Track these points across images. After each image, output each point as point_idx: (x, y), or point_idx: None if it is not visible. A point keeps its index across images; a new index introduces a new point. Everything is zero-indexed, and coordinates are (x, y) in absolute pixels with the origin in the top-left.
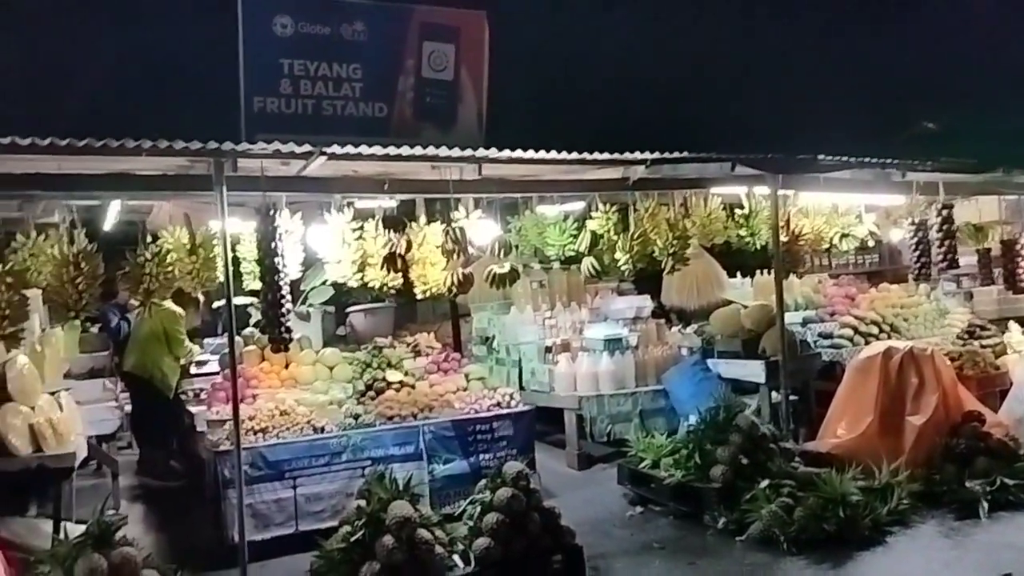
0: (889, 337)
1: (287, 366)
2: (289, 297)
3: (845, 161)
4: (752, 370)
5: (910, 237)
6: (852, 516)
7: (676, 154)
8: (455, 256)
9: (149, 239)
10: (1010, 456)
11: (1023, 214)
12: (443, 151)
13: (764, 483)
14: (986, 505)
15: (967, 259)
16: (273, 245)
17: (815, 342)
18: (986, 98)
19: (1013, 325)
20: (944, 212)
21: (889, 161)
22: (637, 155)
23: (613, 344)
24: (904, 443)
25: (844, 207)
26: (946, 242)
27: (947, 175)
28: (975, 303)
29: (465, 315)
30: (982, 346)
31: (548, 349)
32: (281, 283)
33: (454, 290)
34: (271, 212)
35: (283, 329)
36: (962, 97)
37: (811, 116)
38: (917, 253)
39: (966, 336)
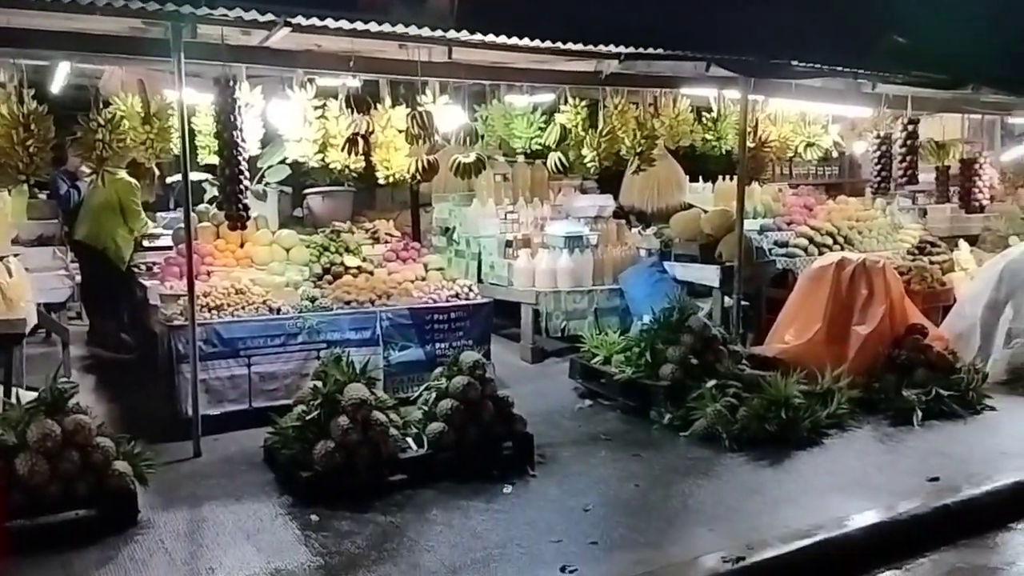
0: (843, 249)
1: (242, 245)
2: (247, 174)
3: (818, 68)
4: (707, 274)
5: (873, 150)
6: (793, 418)
7: (651, 50)
8: (420, 142)
9: (101, 105)
10: (947, 369)
11: (984, 134)
12: (412, 30)
13: (711, 383)
14: (920, 414)
15: (926, 176)
16: (232, 118)
17: (771, 250)
18: (961, 15)
19: (963, 244)
20: (910, 127)
21: (861, 72)
22: (612, 48)
23: (573, 242)
24: (849, 351)
25: (811, 116)
26: (908, 157)
27: (917, 89)
28: (928, 220)
29: (425, 204)
30: (931, 262)
31: (508, 244)
32: (239, 158)
33: (418, 177)
34: (230, 83)
35: (241, 206)
36: (938, 12)
37: (788, 21)
38: (879, 167)
39: (917, 252)
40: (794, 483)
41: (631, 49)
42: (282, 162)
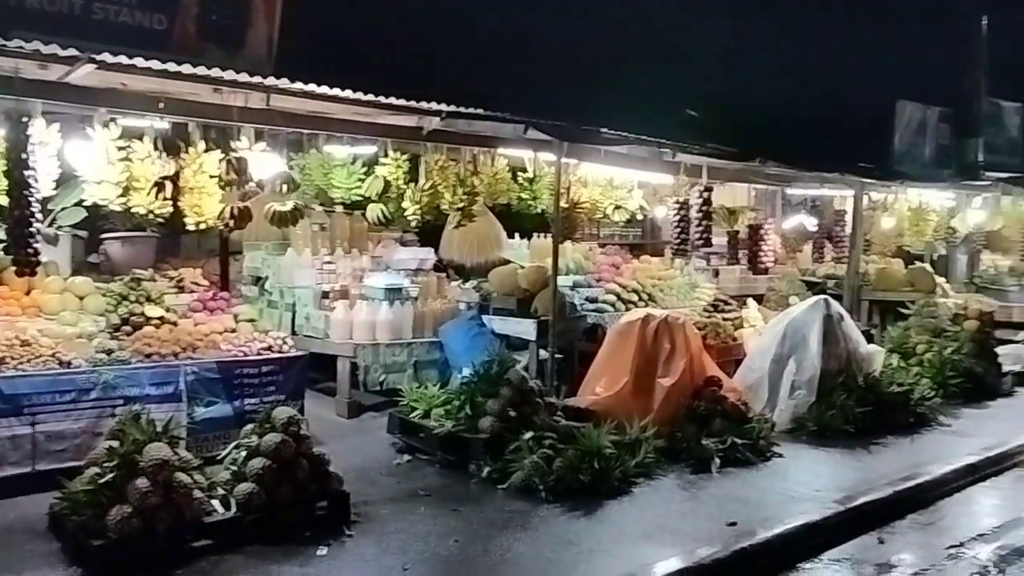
0: (647, 305)
1: (28, 292)
2: (39, 216)
3: (624, 136)
4: (524, 328)
5: (673, 214)
6: (605, 468)
7: (472, 110)
8: (233, 188)
9: None
10: (741, 418)
11: (768, 203)
12: (229, 75)
13: (528, 435)
14: (718, 461)
15: (718, 239)
16: (23, 157)
17: (582, 305)
18: (749, 93)
19: (751, 302)
20: (705, 194)
21: (663, 141)
22: (434, 106)
23: (393, 294)
24: (654, 402)
25: (619, 181)
26: (704, 222)
27: (711, 160)
28: (721, 280)
29: (236, 253)
30: (724, 319)
31: (325, 295)
32: (31, 199)
33: (230, 224)
34: (23, 120)
35: (31, 251)
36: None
37: (600, 91)
38: (678, 230)
39: (711, 309)
40: (607, 532)
41: (452, 108)
42: (79, 204)
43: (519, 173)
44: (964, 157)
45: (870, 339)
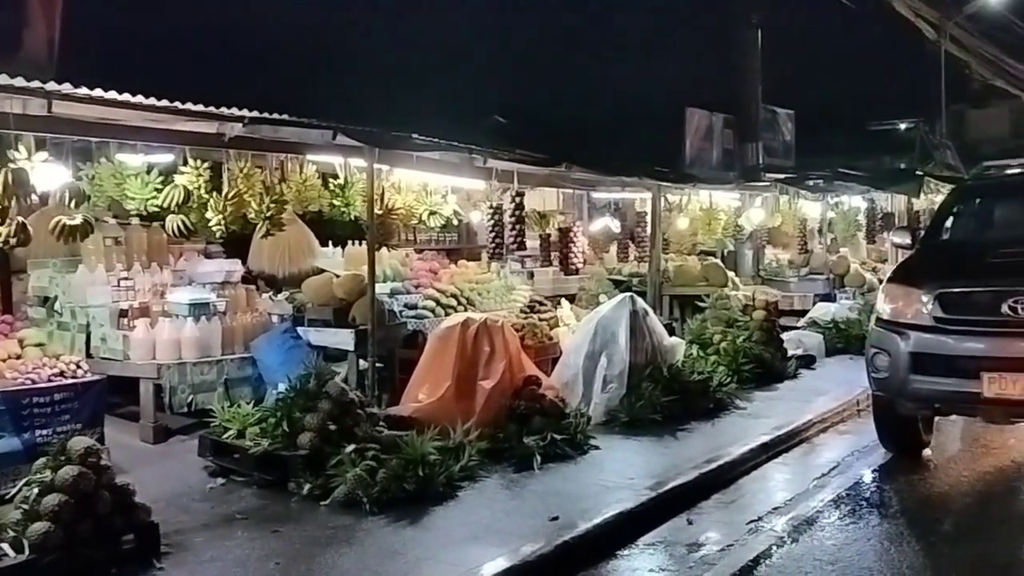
0: (466, 309)
1: None
2: None
3: (435, 142)
4: (342, 338)
5: (488, 219)
6: (429, 475)
7: (277, 115)
8: (12, 203)
9: None
10: (559, 415)
11: (575, 206)
12: (3, 79)
13: (350, 448)
14: (539, 458)
15: (532, 242)
16: None
17: (401, 312)
18: (557, 102)
19: (564, 302)
20: (517, 199)
21: (474, 148)
22: (235, 111)
23: (199, 309)
24: (476, 405)
25: (433, 187)
26: (517, 226)
27: (521, 166)
28: (536, 281)
29: (19, 272)
30: (540, 319)
31: (123, 313)
32: None
33: (11, 241)
34: None
35: None
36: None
37: (411, 97)
38: (493, 234)
39: (528, 310)
40: (434, 539)
41: (255, 113)
42: None
43: (331, 180)
44: (746, 160)
45: (672, 332)
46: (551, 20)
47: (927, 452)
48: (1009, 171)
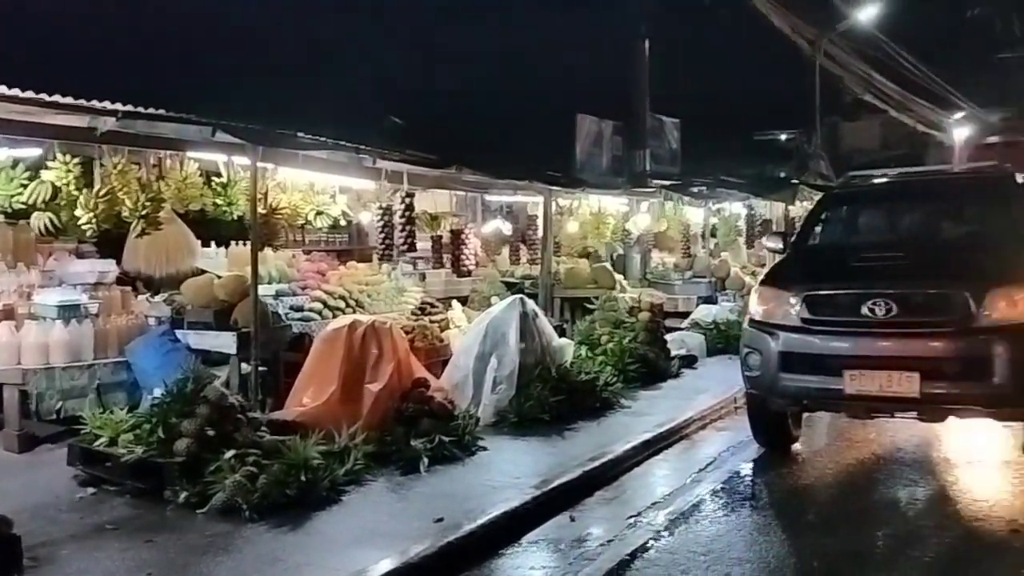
0: (355, 311)
1: None
2: None
3: (323, 141)
4: (223, 341)
5: (377, 220)
6: (312, 479)
7: (152, 110)
8: None
9: None
10: (447, 416)
11: (468, 208)
12: None
13: (229, 454)
14: (426, 460)
15: (423, 244)
16: None
17: (287, 314)
18: (454, 106)
19: (456, 304)
20: (407, 200)
21: (362, 147)
22: (107, 105)
23: (69, 311)
24: (363, 408)
25: (320, 186)
26: (407, 227)
27: (411, 167)
28: (427, 283)
29: None
30: (431, 321)
31: None
32: None
33: None
34: None
35: None
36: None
37: (302, 96)
38: (383, 235)
39: (419, 312)
40: (316, 544)
41: (130, 107)
42: None
43: (213, 178)
44: (634, 166)
45: (562, 333)
46: (450, 24)
47: (796, 446)
48: (872, 181)
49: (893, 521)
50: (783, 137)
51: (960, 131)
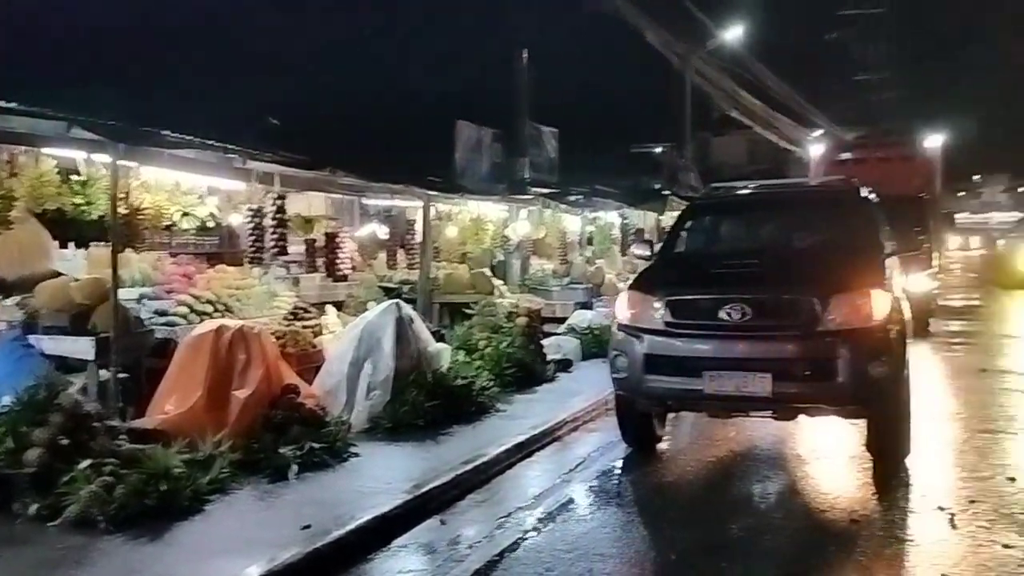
0: (223, 316)
1: None
2: None
3: (188, 140)
4: (81, 346)
5: (248, 222)
6: (173, 489)
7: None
8: None
9: None
10: (319, 423)
11: (345, 212)
12: None
13: (85, 463)
14: (296, 468)
15: (297, 247)
16: None
17: (150, 319)
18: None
19: (330, 309)
20: (278, 202)
21: (231, 147)
22: None
23: None
24: (230, 416)
25: (187, 187)
26: (278, 230)
27: (283, 168)
28: (301, 288)
29: None
30: (304, 326)
31: None
32: None
33: None
34: None
35: None
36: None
37: (166, 92)
38: (253, 238)
39: (291, 317)
40: (177, 555)
41: None
42: None
43: (72, 176)
44: (514, 174)
45: (441, 338)
46: (334, 26)
47: (661, 445)
48: (732, 193)
49: (747, 514)
50: (657, 150)
51: (817, 148)
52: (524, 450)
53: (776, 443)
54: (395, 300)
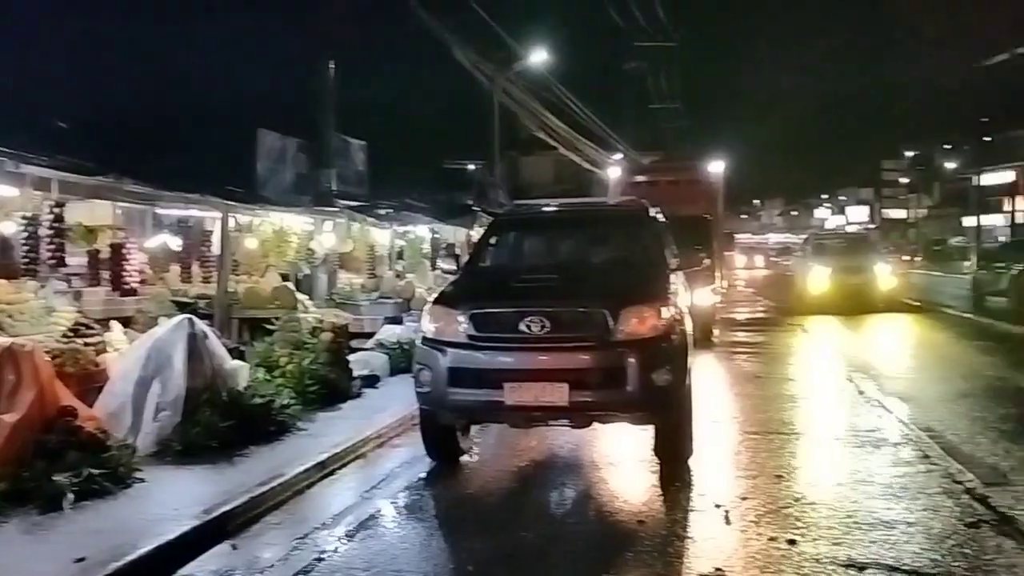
0: None
1: None
2: None
3: None
4: None
5: (21, 231)
6: None
7: None
8: None
9: None
10: (99, 448)
11: (137, 222)
12: None
13: None
14: (72, 496)
15: (80, 259)
16: None
17: None
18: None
19: (115, 325)
20: (56, 210)
21: (4, 150)
22: None
23: None
24: None
25: None
26: (56, 240)
27: (63, 174)
28: (83, 302)
29: None
30: (86, 344)
31: None
32: None
33: None
34: None
35: None
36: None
37: None
38: (27, 248)
39: (71, 334)
40: None
41: None
42: None
43: None
44: (320, 185)
45: (241, 355)
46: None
47: (465, 458)
48: (534, 210)
49: (544, 522)
50: (470, 167)
51: (615, 170)
52: (325, 469)
53: (574, 451)
54: (186, 315)
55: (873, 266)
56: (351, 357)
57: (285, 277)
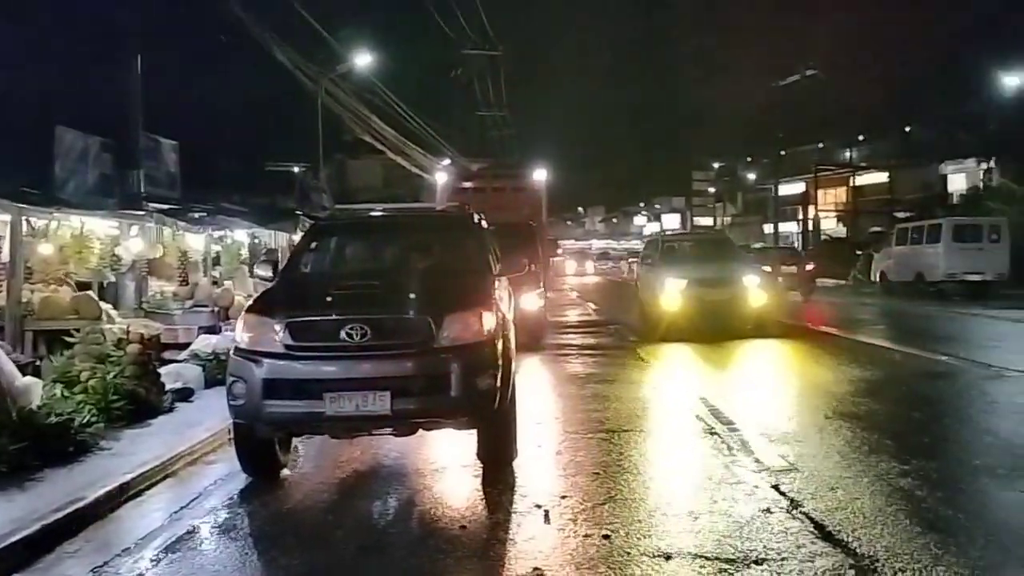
0: None
1: None
2: None
3: None
4: None
5: None
6: None
7: None
8: None
9: None
10: None
11: None
12: None
13: None
14: None
15: None
16: None
17: None
18: None
19: None
20: None
21: None
22: None
23: None
24: None
25: None
26: None
27: None
28: None
29: None
30: None
31: None
32: None
33: None
34: None
35: None
36: None
37: None
38: None
39: None
40: None
41: None
42: None
43: None
44: (127, 187)
45: (36, 371)
46: None
47: (285, 472)
48: (356, 215)
49: (365, 533)
50: (296, 169)
51: (442, 176)
52: (131, 490)
53: (399, 459)
54: None
55: (740, 278)
56: (162, 369)
57: (87, 286)
